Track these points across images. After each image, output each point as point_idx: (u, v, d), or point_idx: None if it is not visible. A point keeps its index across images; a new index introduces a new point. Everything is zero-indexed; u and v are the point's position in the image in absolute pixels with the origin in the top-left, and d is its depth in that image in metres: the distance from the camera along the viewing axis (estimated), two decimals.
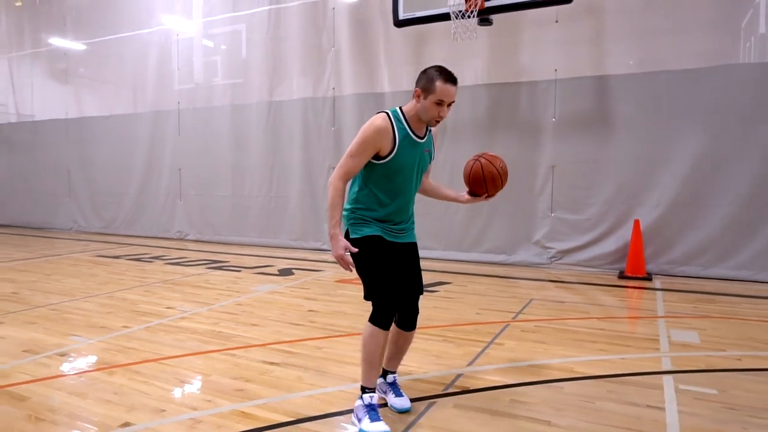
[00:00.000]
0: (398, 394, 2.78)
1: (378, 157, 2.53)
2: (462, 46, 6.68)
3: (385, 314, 2.50)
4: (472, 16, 5.64)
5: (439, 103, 2.47)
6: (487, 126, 7.28)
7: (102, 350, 3.76)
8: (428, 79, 2.47)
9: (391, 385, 2.81)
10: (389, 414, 2.70)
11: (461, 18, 5.65)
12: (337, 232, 2.49)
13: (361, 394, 2.58)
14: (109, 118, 10.82)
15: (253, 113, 9.11)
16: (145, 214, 10.45)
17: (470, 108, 7.35)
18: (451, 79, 2.47)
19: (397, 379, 2.87)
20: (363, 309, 3.87)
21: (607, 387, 3.03)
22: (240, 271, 6.87)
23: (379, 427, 2.43)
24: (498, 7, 5.70)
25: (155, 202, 10.31)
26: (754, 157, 5.93)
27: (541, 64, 6.89)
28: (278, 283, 6.10)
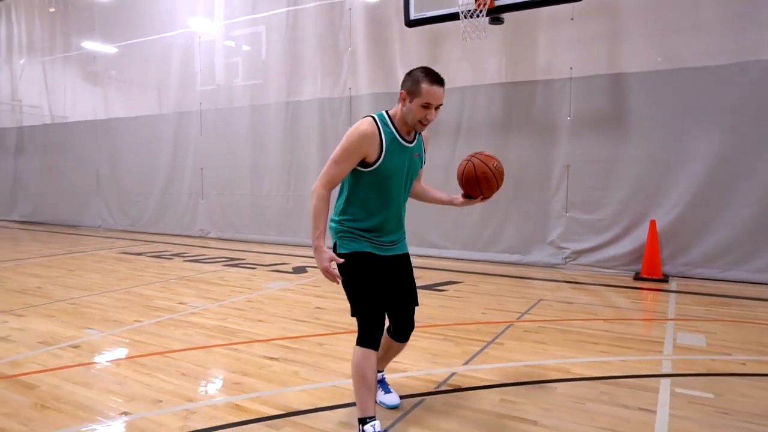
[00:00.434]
0: (387, 391, 2.82)
1: (365, 165, 2.37)
2: (477, 45, 6.66)
3: (371, 334, 2.33)
4: (481, 16, 5.62)
5: (425, 106, 2.31)
6: (502, 125, 7.24)
7: (112, 343, 3.91)
8: (414, 81, 2.31)
9: (380, 382, 2.84)
10: (378, 410, 2.73)
11: (471, 17, 5.63)
12: (321, 244, 2.32)
13: (361, 426, 2.28)
14: (135, 119, 11.17)
15: (272, 113, 9.27)
16: (169, 213, 10.75)
17: (485, 107, 7.33)
18: (438, 80, 2.30)
19: (386, 376, 2.91)
20: None
21: (600, 389, 3.01)
22: (255, 269, 7.00)
23: None
24: (508, 6, 5.66)
25: (178, 201, 10.60)
26: None
27: (556, 62, 6.82)
28: (290, 281, 6.20)
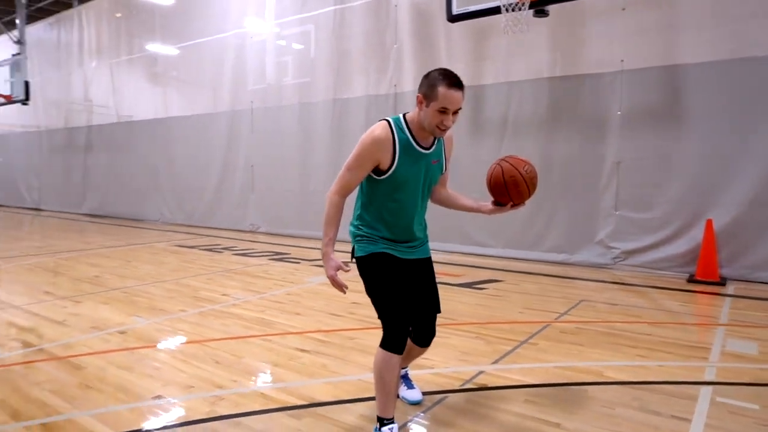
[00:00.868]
0: (410, 386, 2.83)
1: (379, 172, 2.29)
2: (523, 39, 6.51)
3: (396, 338, 2.27)
4: (524, 9, 5.49)
5: (442, 111, 2.17)
6: (549, 121, 7.04)
7: (156, 330, 4.12)
8: (430, 84, 2.19)
9: (403, 377, 2.85)
10: (398, 405, 2.74)
11: (514, 11, 5.50)
12: (329, 251, 2.29)
13: (379, 426, 2.34)
14: (191, 118, 11.66)
15: (319, 111, 9.42)
16: (222, 208, 11.15)
17: (531, 103, 7.15)
18: (455, 83, 2.16)
19: (411, 372, 2.91)
20: None
21: (633, 394, 2.89)
22: (299, 263, 7.15)
23: None
24: None
25: (231, 197, 10.97)
26: None
27: (606, 55, 6.55)
28: None
